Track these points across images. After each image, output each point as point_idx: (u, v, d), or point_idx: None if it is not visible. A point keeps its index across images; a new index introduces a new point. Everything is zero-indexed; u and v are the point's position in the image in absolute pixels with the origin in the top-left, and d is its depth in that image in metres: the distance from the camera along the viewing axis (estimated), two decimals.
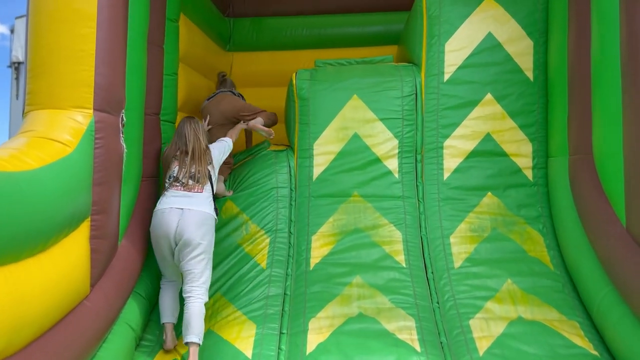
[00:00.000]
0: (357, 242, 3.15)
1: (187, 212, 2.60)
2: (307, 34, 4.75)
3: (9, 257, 1.70)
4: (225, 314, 2.73)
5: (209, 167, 2.81)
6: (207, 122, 3.34)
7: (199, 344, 2.46)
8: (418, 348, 2.52)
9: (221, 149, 2.97)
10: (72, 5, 2.31)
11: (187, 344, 2.46)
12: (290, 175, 3.39)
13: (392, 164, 3.36)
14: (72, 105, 2.30)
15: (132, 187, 2.73)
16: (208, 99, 3.56)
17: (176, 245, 2.59)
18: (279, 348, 2.57)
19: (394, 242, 3.15)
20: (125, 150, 2.57)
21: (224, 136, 3.18)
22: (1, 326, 1.61)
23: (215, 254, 3.08)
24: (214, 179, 2.83)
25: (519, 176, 3.28)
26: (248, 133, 3.93)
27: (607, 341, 2.49)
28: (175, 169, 2.77)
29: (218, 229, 3.18)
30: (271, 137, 3.37)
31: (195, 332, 2.45)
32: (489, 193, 3.26)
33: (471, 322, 2.68)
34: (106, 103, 2.40)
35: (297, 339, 2.62)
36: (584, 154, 2.78)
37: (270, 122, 3.45)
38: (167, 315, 2.69)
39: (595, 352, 2.46)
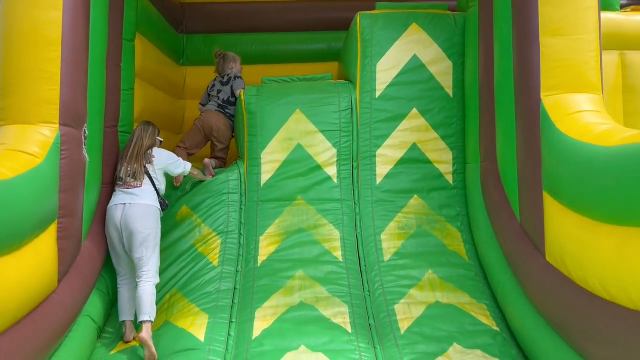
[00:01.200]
0: (300, 241, 3.53)
1: (129, 206, 2.99)
2: (255, 50, 5.12)
3: None
4: (181, 307, 3.05)
5: (148, 165, 3.13)
6: None
7: (152, 321, 2.80)
8: (349, 330, 2.92)
9: (172, 158, 3.32)
10: (39, 32, 2.60)
11: (140, 322, 2.78)
12: (240, 182, 3.74)
13: (332, 171, 3.77)
14: (40, 121, 2.59)
15: (93, 193, 3.02)
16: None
17: (125, 237, 2.93)
18: (229, 334, 2.91)
19: (332, 240, 3.54)
20: (87, 160, 2.87)
21: None
22: None
23: (170, 253, 3.41)
24: (154, 176, 3.14)
25: (441, 180, 3.74)
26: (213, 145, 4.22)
27: (507, 319, 2.96)
28: (121, 169, 3.12)
29: (173, 230, 3.51)
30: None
31: (146, 311, 2.79)
32: (415, 196, 3.70)
33: (396, 306, 3.10)
34: (70, 118, 2.69)
35: (245, 326, 2.96)
36: (490, 161, 3.26)
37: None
38: (126, 313, 2.99)
39: (497, 329, 2.92)
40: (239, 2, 5.26)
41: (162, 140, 3.35)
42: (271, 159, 3.78)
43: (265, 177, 3.78)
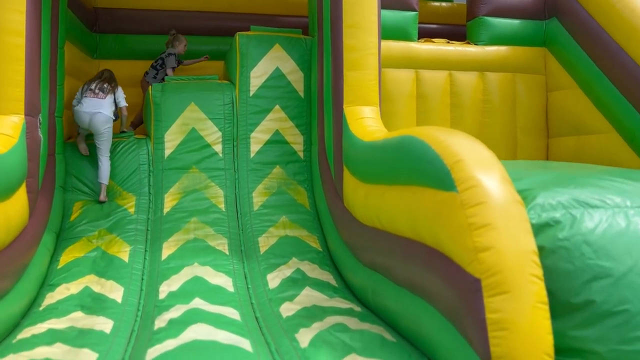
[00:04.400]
0: (195, 197, 4.99)
1: (94, 115, 4.78)
2: (157, 49, 6.37)
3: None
4: (109, 239, 4.42)
5: (115, 90, 4.97)
6: None
7: (106, 184, 4.74)
8: (227, 253, 4.47)
9: (122, 95, 5.06)
10: (9, 54, 3.79)
11: (99, 183, 4.76)
12: (148, 155, 5.10)
13: (218, 148, 5.25)
14: (12, 112, 3.81)
15: (44, 161, 4.27)
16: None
17: (91, 130, 4.87)
18: (145, 258, 4.34)
19: (218, 196, 5.05)
20: (41, 139, 4.12)
21: None
22: None
23: (99, 208, 4.74)
24: (117, 99, 4.99)
25: (295, 156, 5.37)
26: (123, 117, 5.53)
27: (327, 244, 4.68)
28: (91, 84, 4.82)
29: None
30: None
31: (104, 178, 4.76)
32: (277, 166, 5.29)
33: (259, 238, 4.69)
34: (30, 110, 3.93)
35: (156, 253, 4.40)
36: (322, 144, 4.93)
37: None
38: (103, 178, 4.79)
39: (320, 249, 4.62)
40: (142, 9, 6.47)
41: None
42: (172, 139, 5.18)
43: (167, 152, 5.18)
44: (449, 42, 5.75)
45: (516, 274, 2.15)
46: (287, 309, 3.51)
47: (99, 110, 4.80)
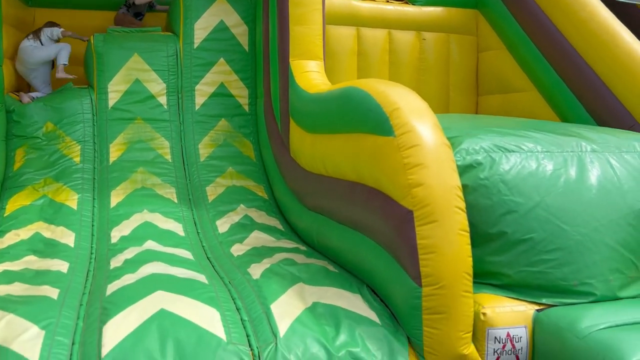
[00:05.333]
0: (140, 147, 5.06)
1: (33, 50, 5.13)
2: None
3: None
4: (56, 187, 4.45)
5: (43, 29, 5.25)
6: None
7: (65, 64, 5.19)
8: (176, 201, 4.63)
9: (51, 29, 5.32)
10: None
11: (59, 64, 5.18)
12: (92, 105, 5.08)
13: (163, 100, 5.29)
14: None
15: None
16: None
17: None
18: (94, 206, 4.42)
19: (164, 147, 5.14)
20: None
21: None
22: None
23: (42, 155, 4.72)
24: (49, 34, 5.25)
25: (240, 109, 5.51)
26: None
27: (274, 192, 4.92)
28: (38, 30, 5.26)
29: (42, 140, 4.78)
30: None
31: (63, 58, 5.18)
32: (223, 119, 5.42)
33: (207, 188, 4.86)
34: None
35: (104, 200, 4.49)
36: (268, 97, 5.10)
37: None
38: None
39: (267, 198, 4.85)
40: None
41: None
42: (116, 89, 5.17)
43: (111, 102, 5.17)
44: (388, 2, 5.99)
45: (443, 206, 2.49)
46: (238, 250, 3.76)
47: (35, 48, 5.14)
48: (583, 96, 4.85)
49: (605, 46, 4.66)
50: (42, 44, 5.24)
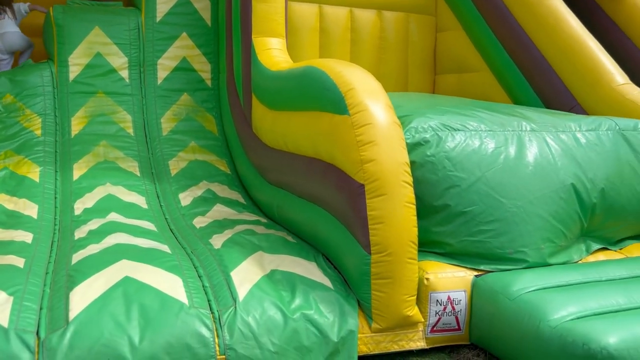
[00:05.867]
0: (102, 121, 5.08)
1: (3, 35, 5.27)
2: None
3: None
4: (17, 160, 4.45)
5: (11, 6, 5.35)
6: None
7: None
8: (139, 174, 4.70)
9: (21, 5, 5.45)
10: None
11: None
12: (52, 78, 5.05)
13: (124, 74, 5.30)
14: None
15: None
16: None
17: None
18: (56, 178, 4.46)
19: (126, 121, 5.17)
20: None
21: None
22: None
23: (1, 128, 4.69)
24: (16, 11, 5.42)
25: (203, 84, 5.56)
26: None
27: (236, 167, 5.05)
28: None
29: (3, 114, 4.75)
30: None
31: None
32: (185, 93, 5.46)
33: (169, 162, 4.93)
34: None
35: (67, 173, 4.52)
36: (231, 72, 5.18)
37: None
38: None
39: (229, 172, 4.97)
40: None
41: None
42: (77, 62, 5.15)
43: (72, 75, 5.15)
44: None
45: (391, 181, 2.70)
46: (200, 222, 3.90)
47: (5, 30, 4.76)
48: (531, 77, 5.13)
49: (552, 30, 4.92)
50: (10, 20, 5.40)
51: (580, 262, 3.21)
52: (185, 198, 4.42)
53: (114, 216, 3.89)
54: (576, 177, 3.20)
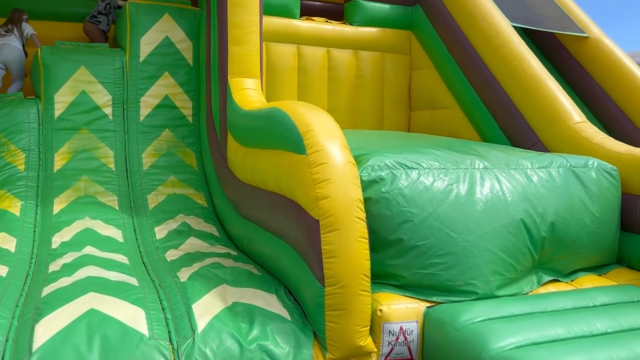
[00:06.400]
0: (85, 156, 5.26)
1: (3, 46, 5.65)
2: (46, 9, 6.37)
3: None
4: (0, 195, 4.63)
5: (19, 24, 5.82)
6: None
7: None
8: (117, 208, 4.87)
9: (28, 26, 5.90)
10: None
11: None
12: (38, 114, 5.26)
13: (108, 111, 5.52)
14: None
15: None
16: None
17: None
18: (36, 212, 4.61)
19: (108, 157, 5.36)
20: None
21: None
22: None
23: None
24: (23, 31, 5.85)
25: (184, 120, 5.78)
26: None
27: (213, 200, 5.22)
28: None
29: None
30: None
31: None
32: (167, 129, 5.68)
33: (148, 196, 5.11)
34: None
35: (47, 207, 4.69)
36: (209, 109, 5.40)
37: None
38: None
39: (207, 206, 5.15)
40: None
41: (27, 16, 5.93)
42: (62, 100, 5.36)
43: (57, 112, 5.36)
44: (327, 21, 6.39)
45: (344, 216, 2.87)
46: (172, 255, 4.04)
47: (7, 42, 5.64)
48: (497, 115, 5.37)
49: (515, 70, 5.19)
50: (16, 37, 5.82)
51: (530, 293, 3.36)
52: (161, 231, 4.57)
53: (89, 249, 4.03)
54: (526, 212, 3.38)
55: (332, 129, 3.16)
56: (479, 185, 3.39)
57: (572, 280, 3.59)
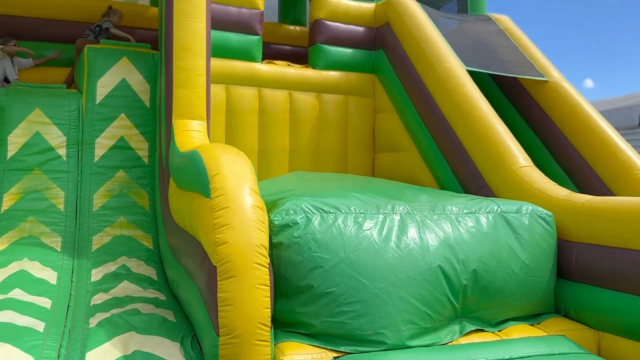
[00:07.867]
0: (34, 197, 5.25)
1: None
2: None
3: None
4: None
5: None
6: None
7: None
8: (59, 249, 4.81)
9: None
10: None
11: None
12: None
13: (62, 152, 5.54)
14: None
15: None
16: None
17: None
18: None
19: (58, 197, 5.35)
20: None
21: None
22: None
23: None
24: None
25: (140, 161, 5.79)
26: None
27: (159, 244, 5.15)
28: None
29: None
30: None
31: None
32: (121, 170, 5.68)
33: (94, 237, 5.06)
34: None
35: None
36: (160, 151, 5.40)
37: None
38: None
39: (152, 248, 5.10)
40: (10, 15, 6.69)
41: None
42: (16, 141, 5.40)
43: (10, 154, 5.39)
44: (289, 65, 6.45)
45: (242, 263, 2.78)
46: (98, 299, 3.95)
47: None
48: (450, 159, 5.32)
49: (465, 114, 5.16)
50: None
51: (451, 343, 3.21)
52: (97, 274, 4.49)
53: (16, 293, 3.94)
54: (445, 259, 3.28)
55: (242, 173, 3.11)
56: (397, 230, 3.30)
57: (499, 330, 3.44)
